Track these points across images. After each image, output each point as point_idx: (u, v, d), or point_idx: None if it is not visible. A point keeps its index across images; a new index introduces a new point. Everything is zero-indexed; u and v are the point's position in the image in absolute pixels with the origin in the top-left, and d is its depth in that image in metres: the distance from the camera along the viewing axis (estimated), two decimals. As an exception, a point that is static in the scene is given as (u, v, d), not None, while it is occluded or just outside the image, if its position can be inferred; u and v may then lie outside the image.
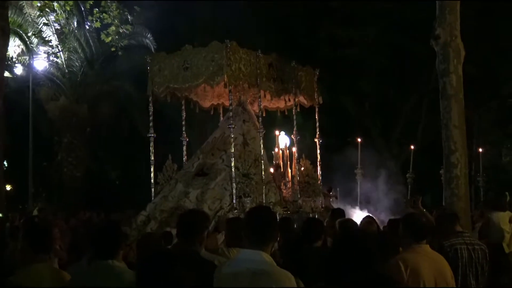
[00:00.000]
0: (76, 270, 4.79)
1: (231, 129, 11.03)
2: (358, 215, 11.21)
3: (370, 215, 10.00)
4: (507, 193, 12.74)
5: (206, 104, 13.36)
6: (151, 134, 12.13)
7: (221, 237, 9.26)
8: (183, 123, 12.95)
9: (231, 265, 4.14)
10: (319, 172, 12.84)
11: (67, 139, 24.03)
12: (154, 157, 12.21)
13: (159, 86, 11.82)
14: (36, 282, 4.49)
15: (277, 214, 10.29)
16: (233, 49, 10.88)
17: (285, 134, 13.07)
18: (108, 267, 4.21)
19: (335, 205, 13.67)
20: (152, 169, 12.18)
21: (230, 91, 11.05)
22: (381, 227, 8.64)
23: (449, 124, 9.00)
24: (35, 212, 17.01)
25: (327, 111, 13.79)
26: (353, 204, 15.50)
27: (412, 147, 15.82)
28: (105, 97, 24.40)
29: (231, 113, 11.32)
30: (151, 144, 12.17)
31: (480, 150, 16.61)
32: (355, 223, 7.44)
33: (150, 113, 12.06)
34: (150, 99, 12.01)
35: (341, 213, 8.97)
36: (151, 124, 12.13)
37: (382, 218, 13.90)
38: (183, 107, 12.90)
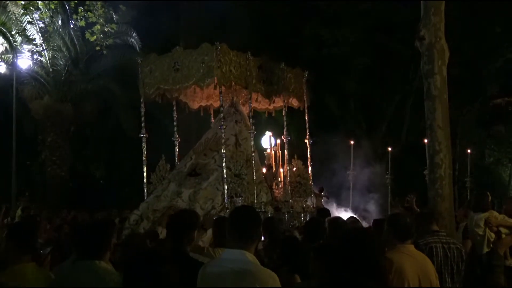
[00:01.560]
0: (61, 271, 4.75)
1: (223, 129, 11.13)
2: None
3: (354, 216, 10.08)
4: (488, 193, 12.83)
5: (195, 105, 13.46)
6: (142, 134, 12.22)
7: (205, 234, 9.30)
8: (175, 123, 13.03)
9: (215, 264, 4.16)
10: (310, 172, 12.95)
11: (51, 138, 23.84)
12: (145, 157, 12.30)
13: (150, 87, 11.91)
14: (20, 282, 4.46)
15: (269, 213, 10.50)
16: (223, 51, 10.95)
17: (271, 135, 13.13)
18: (93, 268, 4.17)
19: (326, 205, 13.82)
20: (144, 169, 12.25)
21: (221, 92, 11.16)
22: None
23: (433, 125, 9.05)
24: (19, 212, 16.88)
25: (311, 111, 13.83)
26: (345, 205, 15.61)
27: (389, 149, 15.88)
28: (90, 96, 24.24)
29: (222, 114, 11.46)
30: (143, 144, 12.25)
31: (469, 151, 16.74)
32: (344, 221, 7.48)
33: (142, 114, 12.12)
34: (141, 100, 12.07)
35: (326, 212, 9.04)
36: (142, 124, 12.19)
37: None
38: (174, 108, 12.98)
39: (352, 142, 15.47)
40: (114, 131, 26.17)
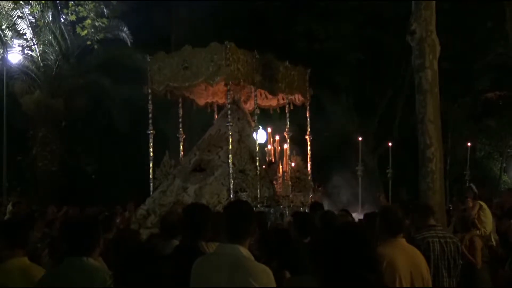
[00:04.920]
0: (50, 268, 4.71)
1: (230, 126, 11.34)
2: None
3: (346, 209, 10.11)
4: (471, 184, 12.92)
5: (201, 101, 13.71)
6: (150, 131, 12.42)
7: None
8: (180, 120, 13.20)
9: (209, 259, 4.15)
10: (309, 168, 13.12)
11: (42, 133, 23.76)
12: (152, 153, 12.45)
13: (159, 85, 12.12)
14: (7, 278, 4.43)
15: (271, 208, 10.93)
16: (232, 50, 11.20)
17: (263, 128, 13.22)
18: (80, 265, 4.12)
19: (324, 200, 13.97)
20: (150, 165, 12.43)
21: (229, 90, 11.42)
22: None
23: (424, 119, 9.09)
24: (10, 207, 16.83)
25: (303, 106, 13.87)
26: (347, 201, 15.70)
27: (390, 144, 15.96)
28: (81, 90, 24.15)
29: (229, 111, 11.61)
30: (150, 141, 12.43)
31: (469, 144, 16.76)
32: (335, 214, 7.48)
33: (149, 111, 12.31)
34: (149, 98, 12.26)
35: (320, 206, 9.07)
36: (150, 121, 12.38)
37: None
38: (180, 105, 13.18)
39: (360, 139, 15.57)
40: (105, 126, 26.09)
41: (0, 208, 16.96)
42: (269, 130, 13.25)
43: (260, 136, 13.10)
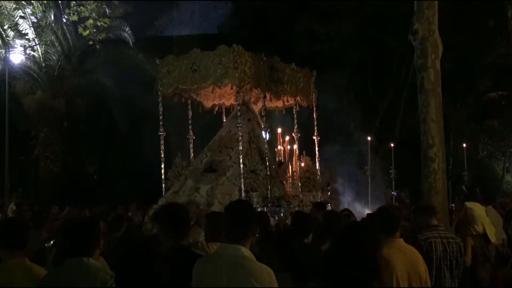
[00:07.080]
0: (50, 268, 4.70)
1: (239, 127, 11.54)
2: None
3: (347, 208, 10.12)
4: (462, 186, 12.91)
5: (209, 104, 13.93)
6: (160, 132, 12.61)
7: (201, 231, 9.29)
8: (190, 122, 13.44)
9: (210, 260, 4.15)
10: (317, 167, 13.22)
11: (44, 134, 23.76)
12: (163, 153, 12.64)
13: (168, 87, 12.34)
14: (7, 279, 4.41)
15: (281, 208, 11.15)
16: (240, 53, 11.38)
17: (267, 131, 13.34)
18: (81, 266, 4.11)
19: (332, 200, 14.07)
20: (162, 166, 12.62)
21: (238, 92, 11.60)
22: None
23: (427, 119, 9.05)
24: (13, 207, 16.84)
25: (306, 107, 13.90)
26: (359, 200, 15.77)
27: (392, 144, 15.96)
28: (83, 91, 24.17)
29: (239, 112, 11.81)
30: (161, 142, 12.63)
31: (464, 145, 16.73)
32: (339, 214, 7.47)
33: (160, 113, 12.51)
34: (159, 100, 12.47)
35: (323, 205, 9.07)
36: (161, 123, 12.59)
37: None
38: (189, 107, 13.39)
39: (369, 138, 15.57)
40: (107, 127, 26.10)
41: (2, 209, 16.96)
42: (279, 131, 13.38)
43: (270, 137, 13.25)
